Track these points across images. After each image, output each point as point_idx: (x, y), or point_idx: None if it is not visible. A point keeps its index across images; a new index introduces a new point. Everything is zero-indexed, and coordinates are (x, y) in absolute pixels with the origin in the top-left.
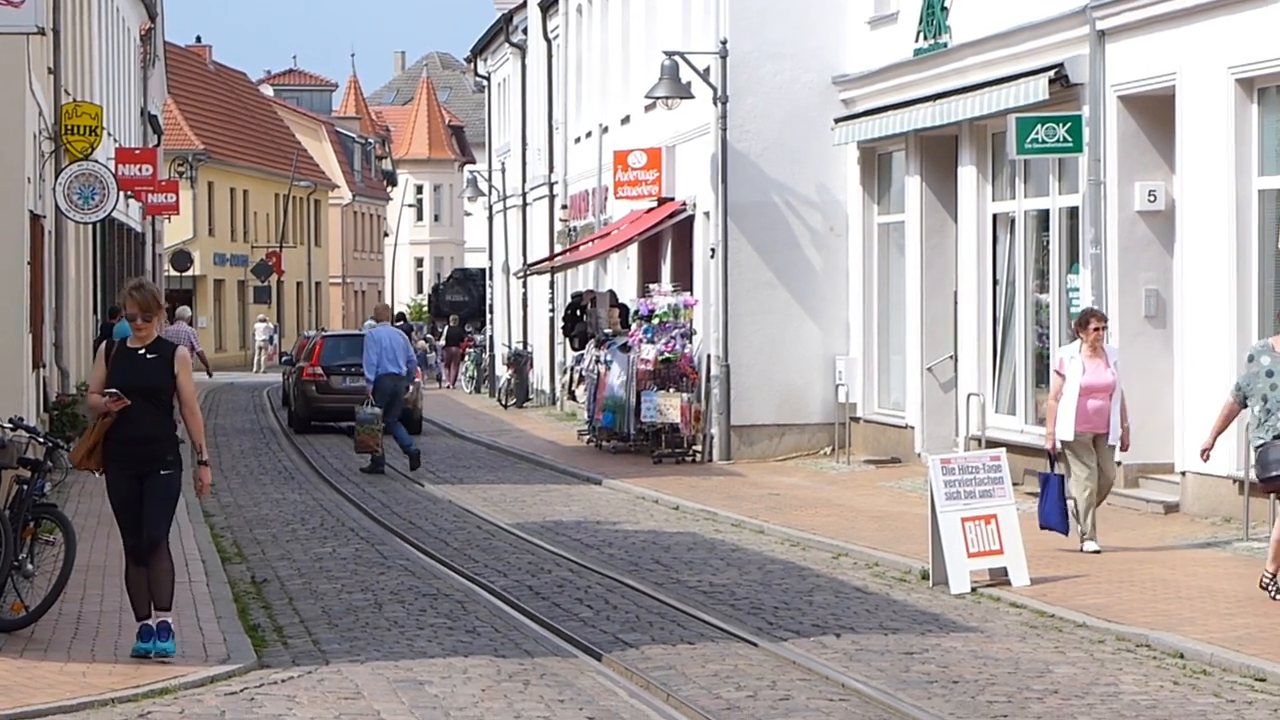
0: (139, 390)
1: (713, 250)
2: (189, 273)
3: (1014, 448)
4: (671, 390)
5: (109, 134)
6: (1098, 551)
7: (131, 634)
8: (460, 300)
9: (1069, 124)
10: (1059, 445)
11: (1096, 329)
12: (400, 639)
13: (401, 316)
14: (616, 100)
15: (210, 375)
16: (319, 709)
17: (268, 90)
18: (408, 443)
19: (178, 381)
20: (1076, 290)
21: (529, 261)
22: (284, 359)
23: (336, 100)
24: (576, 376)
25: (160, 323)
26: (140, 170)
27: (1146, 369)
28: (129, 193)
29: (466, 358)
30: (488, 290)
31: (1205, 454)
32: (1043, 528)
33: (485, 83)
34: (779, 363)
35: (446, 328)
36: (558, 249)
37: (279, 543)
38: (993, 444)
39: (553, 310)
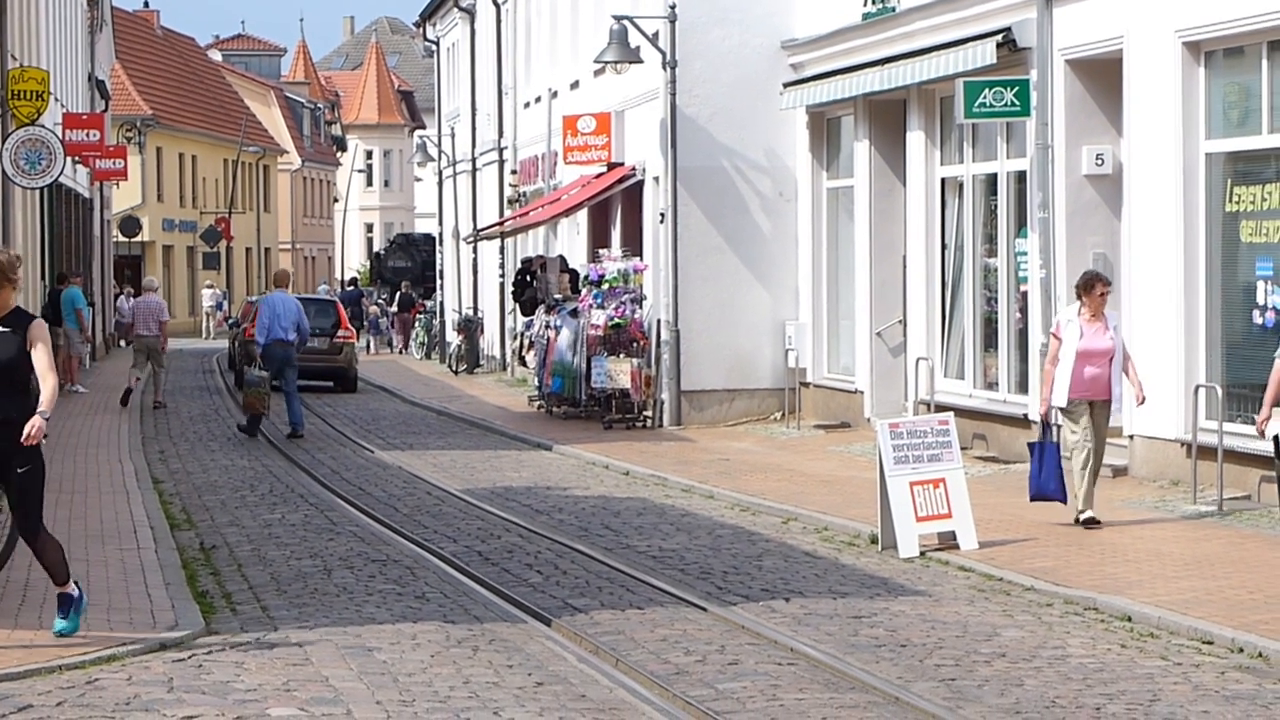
0: None
1: (662, 215)
2: (137, 238)
3: (963, 412)
4: (622, 356)
5: (56, 99)
6: (1096, 523)
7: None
8: (403, 266)
9: (1016, 88)
10: (1054, 412)
11: (1103, 294)
12: (349, 605)
13: (354, 282)
14: (565, 65)
15: (164, 351)
16: (267, 675)
17: (216, 55)
18: (297, 418)
19: (33, 355)
20: (1024, 254)
21: (479, 227)
22: (230, 323)
23: (285, 65)
24: (526, 342)
25: (14, 295)
26: (88, 135)
27: None
28: (76, 158)
29: (417, 324)
30: (438, 255)
31: (1262, 428)
32: (1035, 498)
33: (434, 47)
34: (729, 328)
35: (398, 294)
36: (508, 214)
37: (228, 509)
38: (941, 408)
39: (503, 276)
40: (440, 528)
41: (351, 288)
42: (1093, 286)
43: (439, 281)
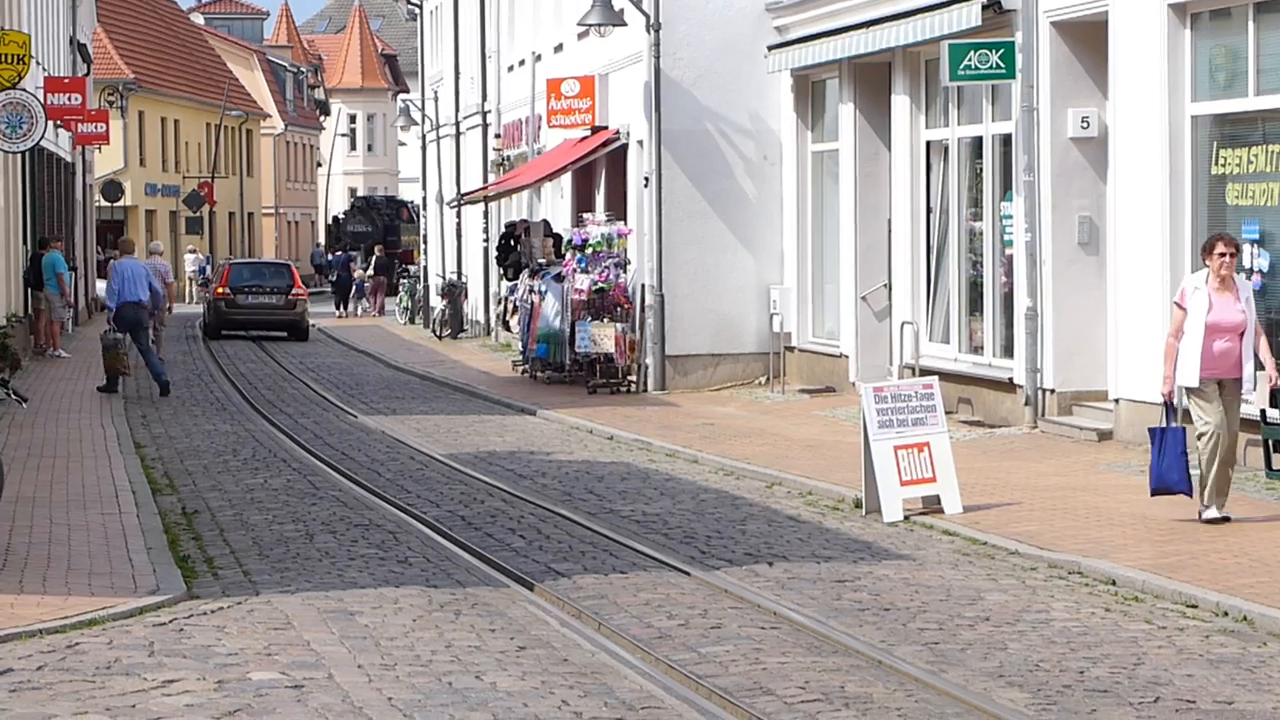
0: None
1: (646, 179)
2: (120, 203)
3: (947, 376)
4: (606, 320)
5: (37, 63)
6: (1227, 519)
7: (63, 566)
8: (363, 230)
9: (1002, 50)
10: (1179, 392)
11: (1223, 255)
12: (331, 570)
13: (346, 246)
14: (549, 28)
15: (169, 310)
16: (248, 639)
17: (198, 19)
18: (159, 370)
19: None
20: (1010, 218)
21: (462, 191)
22: (201, 281)
23: (268, 29)
24: (510, 307)
25: None
26: (69, 99)
27: (1080, 296)
28: (58, 122)
29: (400, 288)
30: (421, 220)
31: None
32: (1156, 492)
33: (418, 11)
34: (713, 292)
35: (373, 258)
36: (491, 178)
37: (210, 474)
38: (926, 372)
39: (487, 240)
40: (423, 492)
41: (341, 253)
42: (1212, 247)
43: (422, 246)
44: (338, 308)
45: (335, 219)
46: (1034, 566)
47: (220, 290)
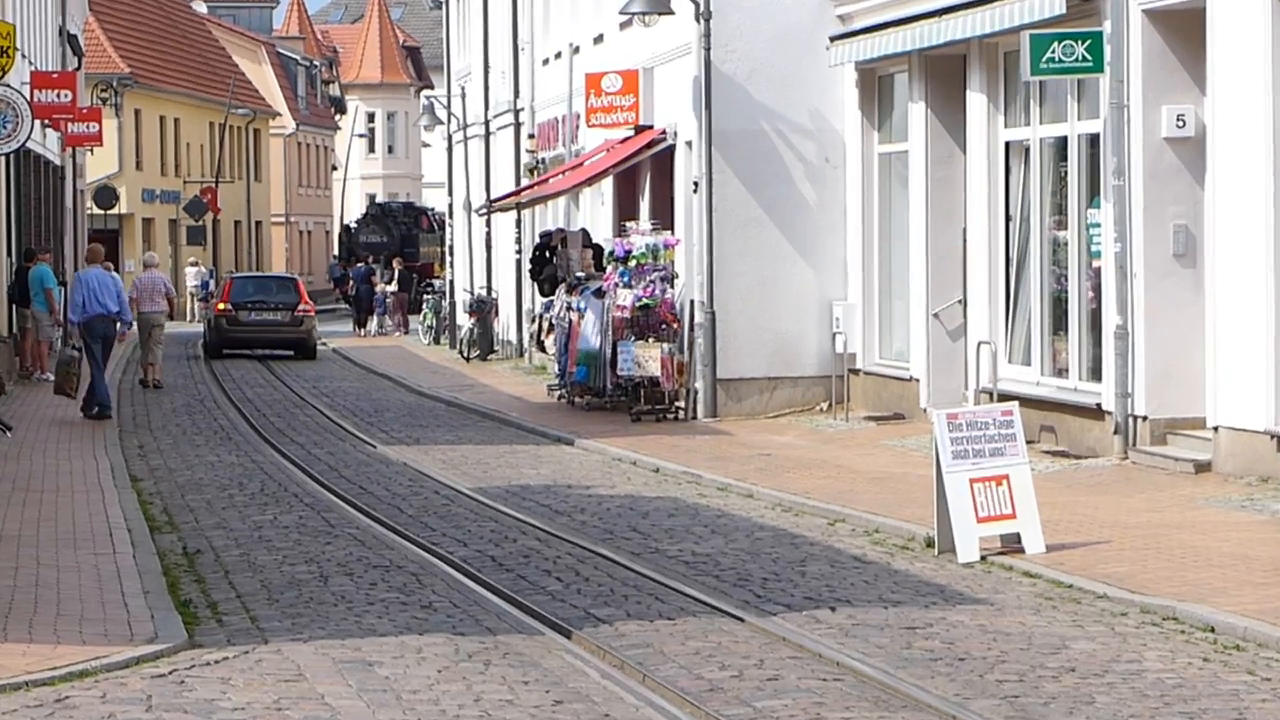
0: None
1: (695, 184)
2: (114, 211)
3: (1028, 401)
4: (651, 340)
5: (23, 56)
6: None
7: (51, 612)
8: (377, 241)
9: (1088, 41)
10: None
11: None
12: (348, 615)
13: (364, 258)
14: (588, 17)
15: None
16: (256, 692)
17: (201, 7)
18: (103, 396)
19: None
20: (1097, 226)
21: (492, 197)
22: (202, 297)
23: (278, 18)
24: (546, 325)
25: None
26: (58, 96)
27: (1175, 313)
28: (46, 121)
29: (424, 305)
30: (448, 229)
31: None
32: None
33: None
34: (769, 309)
35: (396, 271)
36: (524, 183)
37: (214, 510)
38: (1005, 397)
39: (519, 252)
40: (449, 530)
41: (361, 265)
42: None
43: (448, 259)
44: (356, 326)
45: (346, 228)
46: (1124, 612)
47: (221, 306)
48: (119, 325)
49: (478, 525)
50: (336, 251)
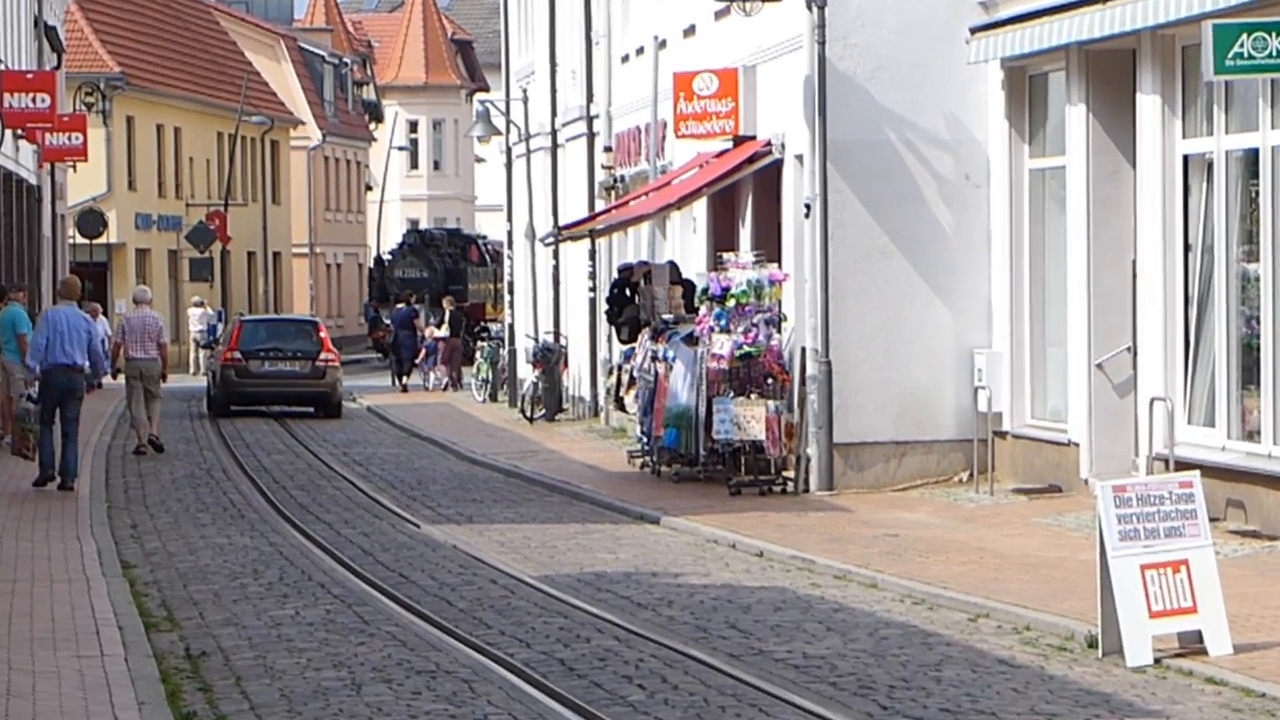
0: None
1: (807, 207)
2: (101, 239)
3: (1213, 470)
4: (754, 397)
5: None
6: None
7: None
8: (416, 277)
9: None
10: None
11: None
12: None
13: (406, 299)
14: (677, 4)
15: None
16: None
17: None
18: (70, 465)
19: None
20: None
21: (561, 224)
22: (206, 343)
23: (300, 6)
24: (626, 379)
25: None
26: (34, 101)
27: None
28: (18, 131)
29: (477, 354)
30: (505, 262)
31: None
32: None
33: None
34: (897, 359)
35: (447, 313)
36: (599, 206)
37: (223, 603)
38: (1184, 466)
39: (593, 290)
40: (509, 628)
41: (403, 306)
42: None
43: (507, 298)
44: (396, 379)
45: (379, 261)
46: None
47: (229, 355)
48: (87, 377)
49: (543, 622)
50: (368, 290)
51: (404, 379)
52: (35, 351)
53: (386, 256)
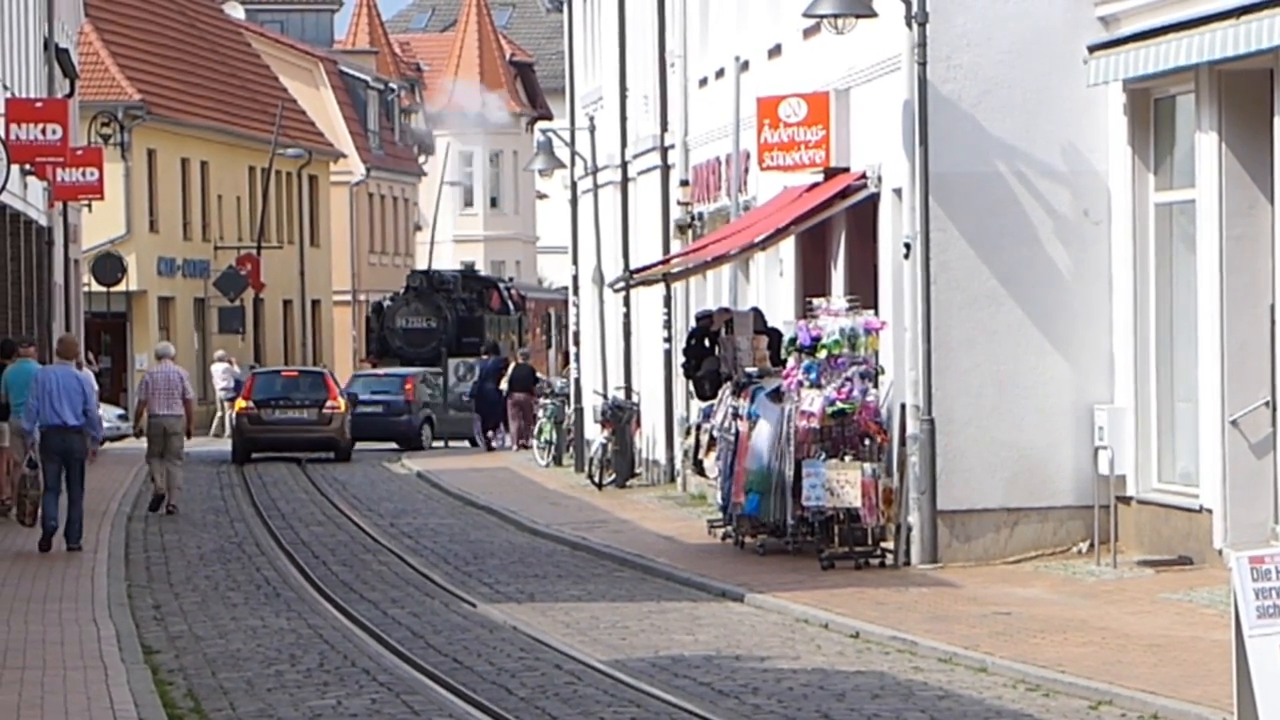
0: None
1: (907, 246)
2: (120, 287)
3: None
4: (848, 459)
5: None
6: None
7: None
8: (423, 328)
9: None
10: None
11: None
12: None
13: (494, 349)
14: (761, 23)
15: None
16: None
17: (237, 11)
18: (75, 531)
19: None
20: None
21: (633, 267)
22: (230, 397)
23: (341, 26)
24: (706, 439)
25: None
26: (44, 133)
27: None
28: (27, 167)
29: (540, 414)
30: (570, 309)
31: None
32: None
33: (564, 1)
34: (1009, 416)
35: (513, 367)
36: (675, 247)
37: (256, 692)
38: None
39: (669, 340)
40: (576, 718)
41: (489, 356)
42: None
43: (572, 350)
44: (478, 440)
45: (378, 308)
46: None
47: (242, 404)
48: (86, 440)
49: (614, 711)
50: (365, 344)
51: (490, 437)
52: (29, 414)
53: (386, 302)
